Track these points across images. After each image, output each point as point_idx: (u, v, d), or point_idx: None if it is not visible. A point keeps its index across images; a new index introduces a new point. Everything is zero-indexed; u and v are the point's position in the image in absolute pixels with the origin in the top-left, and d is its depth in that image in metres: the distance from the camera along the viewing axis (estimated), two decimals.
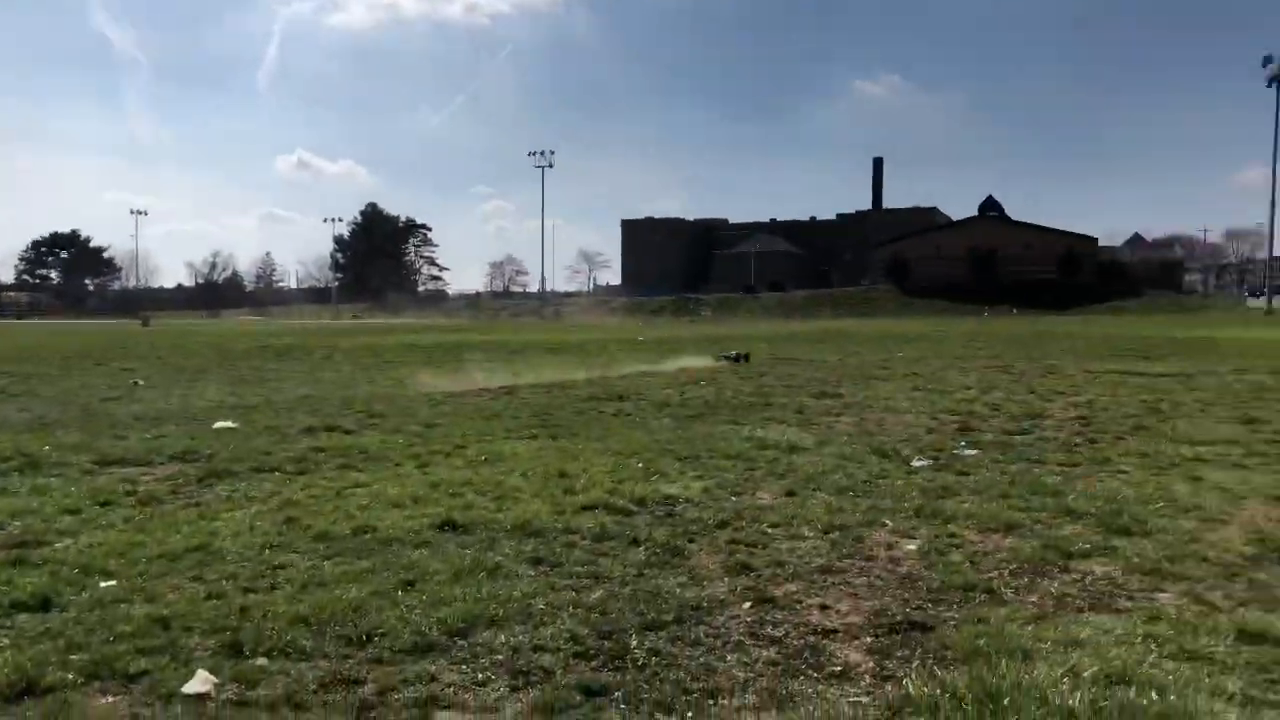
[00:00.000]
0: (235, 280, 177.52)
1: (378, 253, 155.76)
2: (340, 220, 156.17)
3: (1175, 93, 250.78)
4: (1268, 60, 65.89)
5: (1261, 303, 72.32)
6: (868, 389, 17.46)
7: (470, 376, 21.25)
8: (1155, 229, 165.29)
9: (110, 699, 4.21)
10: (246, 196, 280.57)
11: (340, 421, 13.20)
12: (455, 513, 7.50)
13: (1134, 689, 4.08)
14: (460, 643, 4.88)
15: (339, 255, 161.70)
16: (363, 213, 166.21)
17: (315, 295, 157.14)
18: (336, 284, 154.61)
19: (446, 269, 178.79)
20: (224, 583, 5.79)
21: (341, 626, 5.04)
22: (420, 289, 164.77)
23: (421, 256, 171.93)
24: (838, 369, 22.46)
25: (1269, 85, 65.93)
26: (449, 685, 4.38)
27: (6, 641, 4.84)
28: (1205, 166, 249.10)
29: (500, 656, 4.70)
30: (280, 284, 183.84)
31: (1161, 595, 5.57)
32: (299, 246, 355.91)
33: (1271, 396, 15.20)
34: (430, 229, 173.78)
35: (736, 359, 25.04)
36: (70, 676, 4.36)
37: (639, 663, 4.61)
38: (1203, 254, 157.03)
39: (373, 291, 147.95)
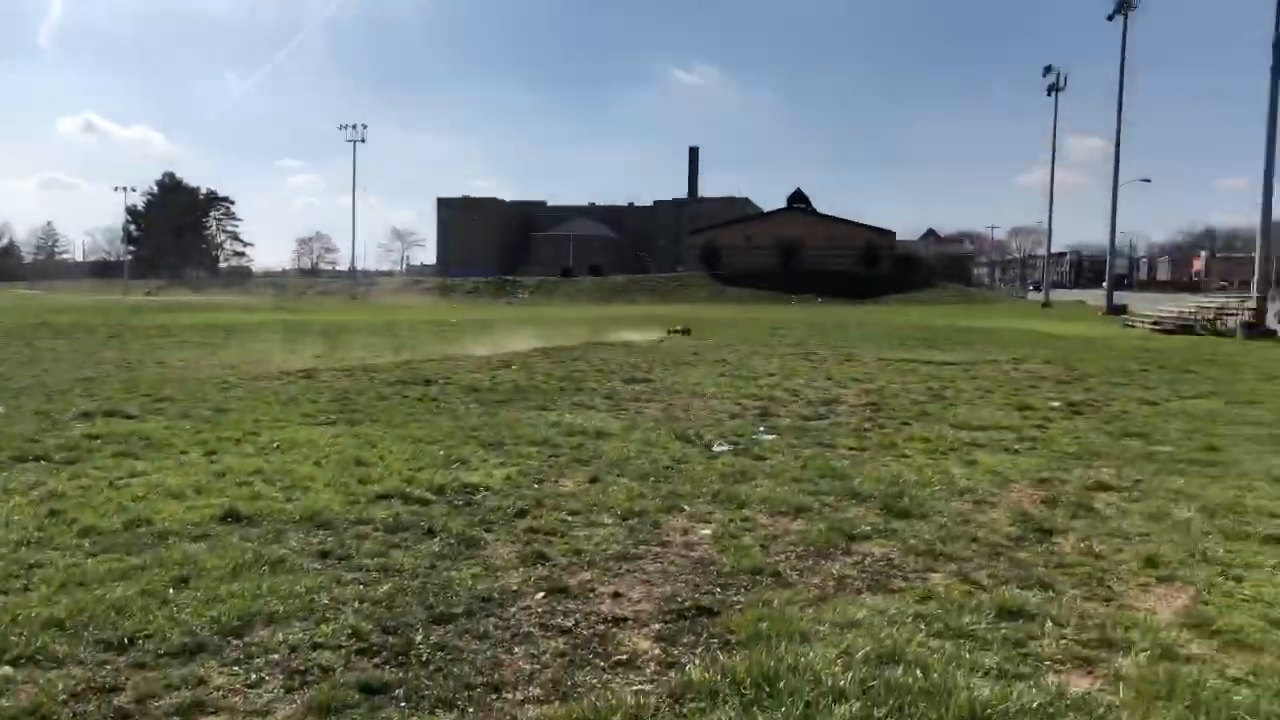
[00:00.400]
0: (11, 251, 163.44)
1: (176, 226, 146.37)
2: (133, 190, 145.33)
3: (967, 98, 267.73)
4: (1047, 70, 70.94)
5: (1041, 296, 78.23)
6: (677, 374, 17.77)
7: (270, 357, 20.31)
8: (948, 225, 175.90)
9: None
10: (24, 160, 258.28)
11: (122, 406, 12.32)
12: (240, 503, 7.13)
13: (901, 668, 4.30)
14: (234, 642, 4.63)
15: (132, 227, 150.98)
16: (159, 182, 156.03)
17: (105, 269, 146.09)
18: (129, 258, 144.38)
19: (251, 245, 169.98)
20: None
21: (101, 629, 4.69)
22: (223, 265, 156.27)
23: (224, 231, 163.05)
24: (649, 354, 22.76)
25: (1049, 94, 71.00)
26: (218, 689, 4.15)
27: None
28: (994, 168, 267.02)
29: (276, 656, 4.49)
30: (64, 256, 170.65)
31: (933, 575, 5.90)
32: (86, 216, 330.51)
33: (1044, 385, 16.43)
34: (234, 202, 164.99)
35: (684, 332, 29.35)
36: None
37: (423, 658, 4.50)
38: (990, 250, 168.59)
39: (170, 267, 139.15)
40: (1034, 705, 3.98)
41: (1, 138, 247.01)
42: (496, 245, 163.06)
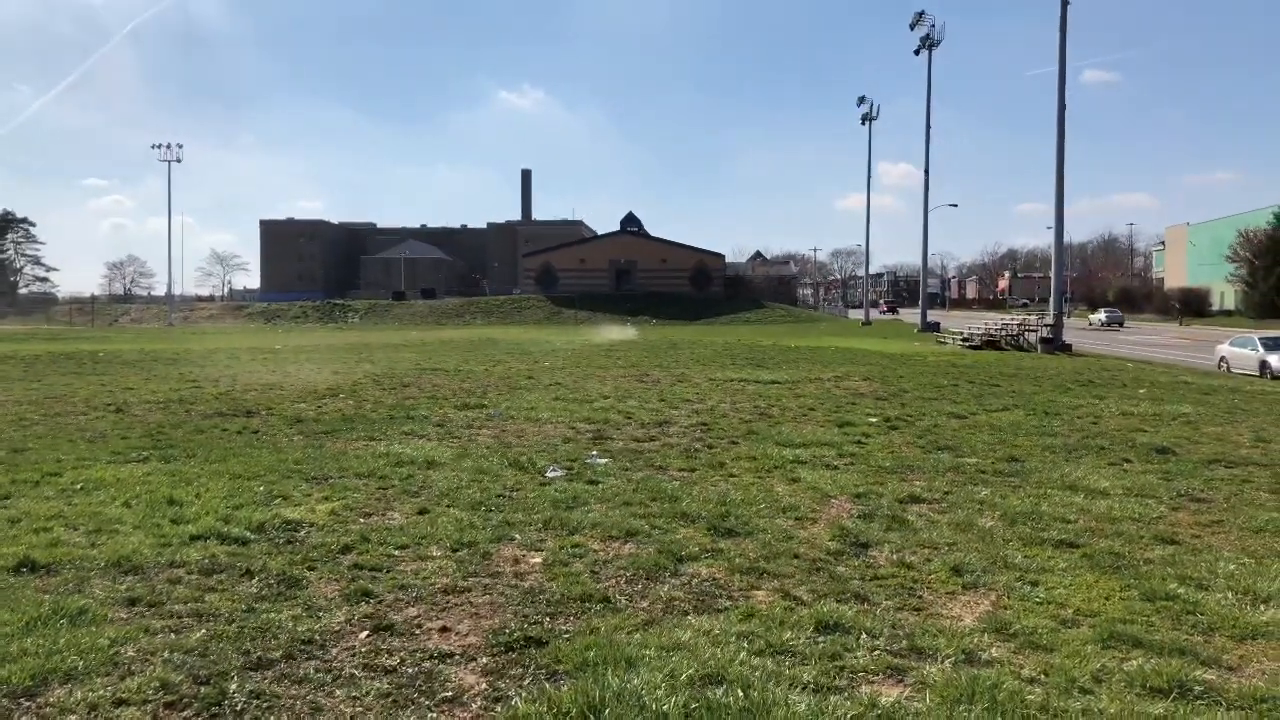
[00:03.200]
0: None
1: None
2: None
3: (790, 125, 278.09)
4: (861, 100, 74.65)
5: (861, 314, 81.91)
6: (512, 398, 17.67)
7: (74, 392, 19.03)
8: (774, 247, 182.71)
9: None
10: None
11: None
12: (36, 551, 6.66)
13: (723, 688, 4.42)
14: (27, 705, 4.33)
15: None
16: None
17: None
18: None
19: (55, 269, 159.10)
20: None
21: None
22: (23, 291, 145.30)
23: (23, 255, 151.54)
24: (484, 379, 22.54)
25: (863, 123, 74.66)
26: None
27: None
28: (815, 192, 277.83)
29: (75, 716, 4.21)
30: None
31: (757, 593, 6.08)
32: None
33: (863, 401, 17.19)
34: (34, 224, 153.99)
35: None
36: None
37: (238, 708, 4.32)
38: (813, 270, 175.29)
39: None
40: (848, 718, 4.16)
41: None
42: (324, 268, 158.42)
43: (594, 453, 11.41)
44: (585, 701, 4.22)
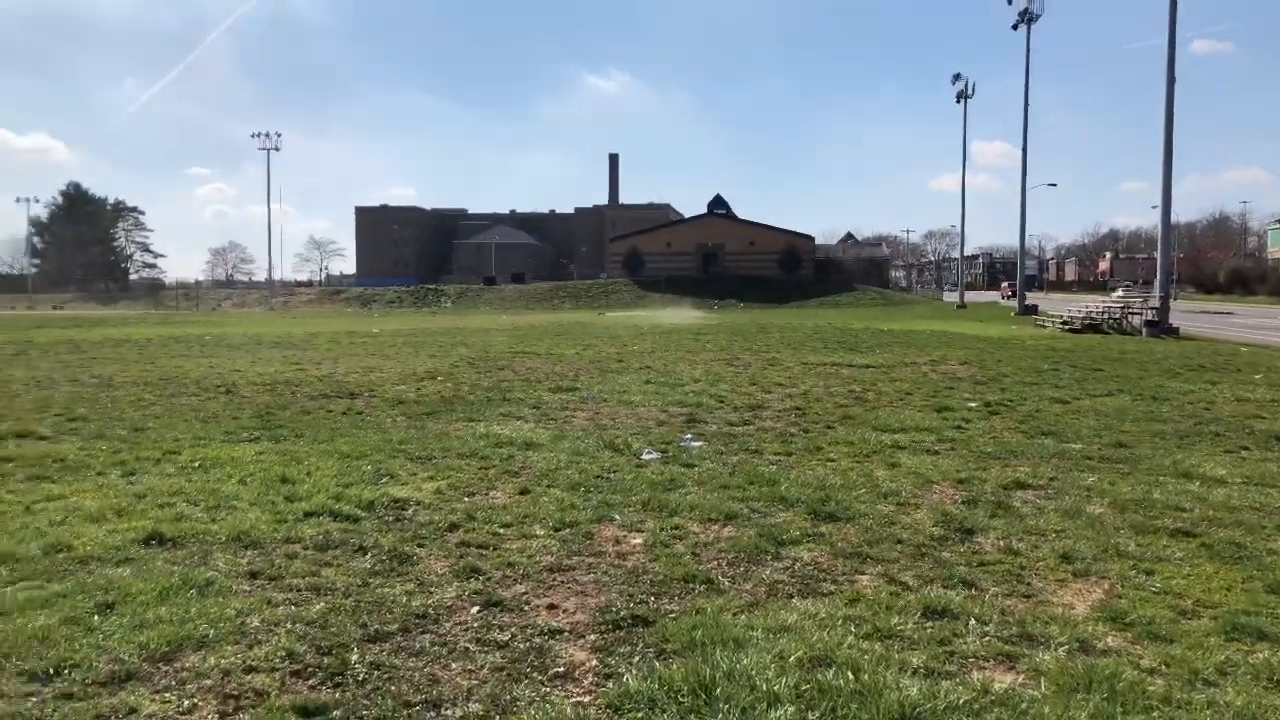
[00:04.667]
0: None
1: (82, 237, 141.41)
2: (36, 200, 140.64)
3: (882, 105, 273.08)
4: (956, 78, 72.78)
5: (956, 296, 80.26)
6: (603, 381, 17.82)
7: (186, 373, 19.83)
8: (865, 229, 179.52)
9: None
10: None
11: (34, 427, 11.93)
12: (164, 525, 6.98)
13: (833, 670, 4.42)
14: (164, 669, 4.56)
15: (36, 240, 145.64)
16: (63, 193, 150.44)
17: (7, 284, 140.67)
18: (34, 271, 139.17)
19: (163, 256, 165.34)
20: None
21: (24, 660, 4.57)
22: (133, 277, 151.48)
23: (133, 242, 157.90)
24: (575, 362, 22.76)
25: (957, 101, 72.81)
26: (149, 716, 4.09)
27: None
28: (909, 172, 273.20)
29: (209, 681, 4.43)
30: None
31: (861, 578, 6.06)
32: None
33: (961, 385, 16.88)
34: (143, 212, 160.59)
35: None
36: None
37: (359, 678, 4.49)
38: (906, 253, 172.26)
39: (78, 280, 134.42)
40: (960, 703, 4.13)
41: None
42: (417, 254, 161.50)
43: (688, 436, 11.45)
44: (696, 680, 4.27)
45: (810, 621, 5.14)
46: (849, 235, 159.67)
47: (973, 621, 5.17)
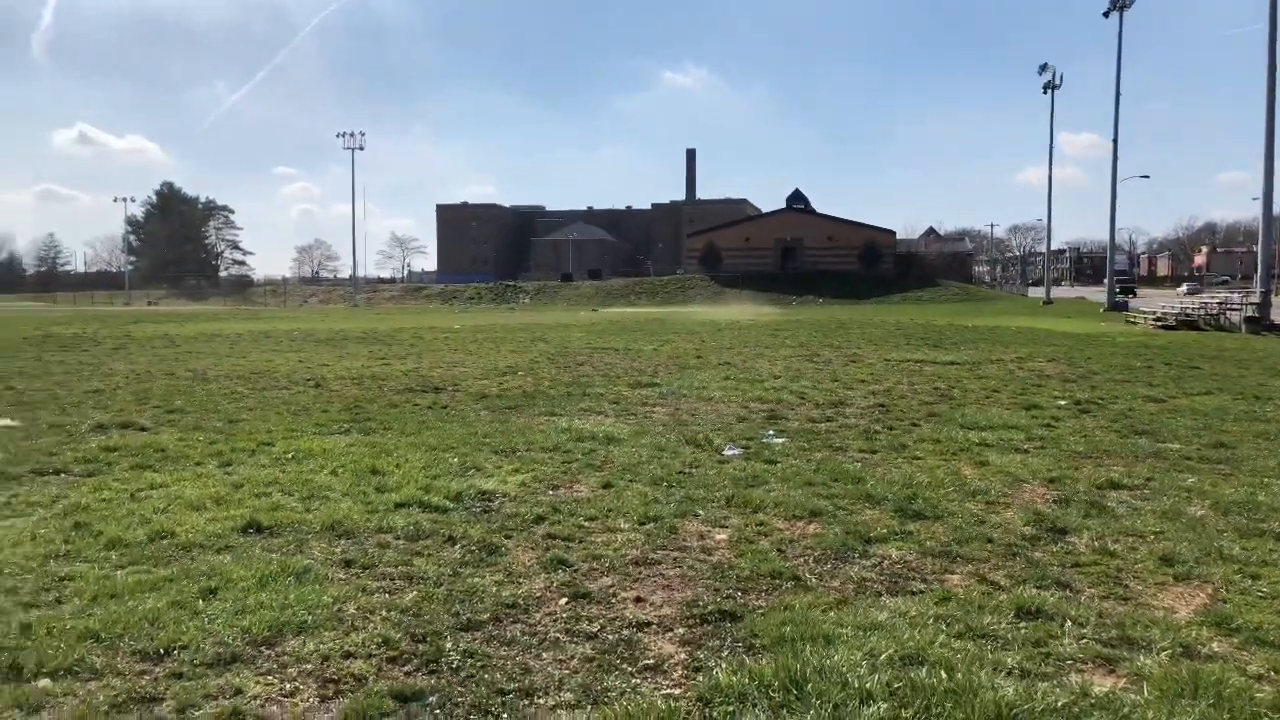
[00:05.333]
0: (13, 263, 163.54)
1: (175, 235, 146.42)
2: (132, 200, 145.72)
3: (965, 96, 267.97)
4: (1043, 68, 70.91)
5: (1042, 292, 78.27)
6: (682, 377, 17.83)
7: (276, 367, 20.39)
8: (947, 223, 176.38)
9: None
10: (21, 172, 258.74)
11: (135, 418, 12.39)
12: (261, 514, 7.19)
13: (925, 669, 4.37)
14: (267, 652, 4.70)
15: (132, 238, 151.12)
16: (158, 192, 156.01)
17: (106, 280, 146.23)
18: (130, 268, 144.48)
19: (251, 253, 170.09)
20: (2, 598, 5.35)
21: (136, 640, 4.76)
22: (223, 274, 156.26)
23: (223, 240, 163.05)
24: (653, 358, 22.81)
25: (1045, 91, 70.96)
26: (255, 698, 4.22)
27: None
28: (992, 165, 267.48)
29: (309, 665, 4.56)
30: (66, 267, 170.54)
31: (951, 577, 5.96)
32: (84, 227, 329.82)
33: (1050, 383, 16.49)
34: (233, 211, 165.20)
35: None
36: None
37: (454, 665, 4.57)
38: (989, 247, 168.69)
39: (171, 277, 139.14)
40: (1059, 704, 4.04)
41: None
42: (496, 251, 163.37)
43: (770, 432, 11.39)
44: (787, 675, 4.25)
45: (901, 620, 5.08)
46: (931, 230, 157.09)
47: (1069, 623, 5.05)
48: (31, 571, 5.89)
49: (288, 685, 4.35)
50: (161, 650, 4.66)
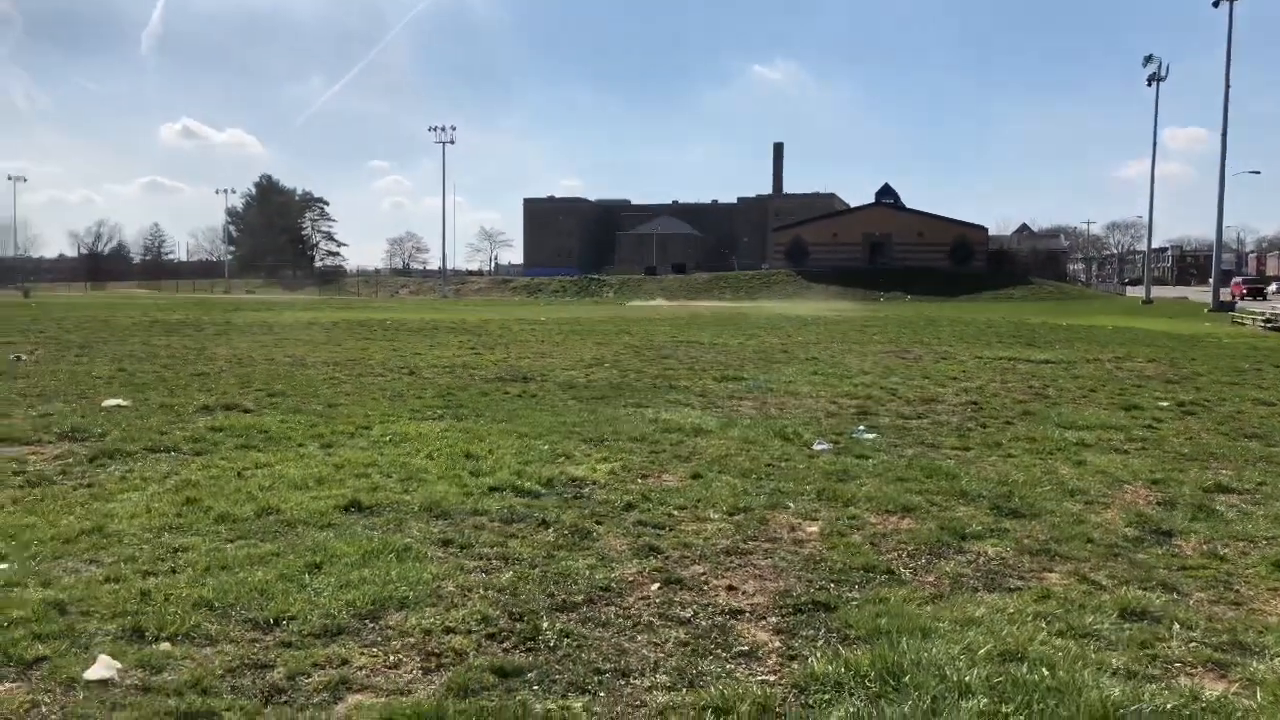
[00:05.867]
0: (121, 251, 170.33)
1: (273, 226, 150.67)
2: (233, 191, 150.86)
3: (1060, 89, 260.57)
4: (1148, 60, 68.48)
5: (1140, 292, 75.70)
6: (769, 372, 17.76)
7: (372, 356, 20.90)
8: (1042, 220, 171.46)
9: (7, 686, 4.06)
10: (129, 164, 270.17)
11: (239, 400, 12.85)
12: (361, 494, 7.40)
13: (1026, 665, 4.30)
14: (370, 625, 4.85)
15: (232, 228, 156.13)
16: (257, 184, 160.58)
17: (207, 269, 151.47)
18: (230, 258, 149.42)
19: (345, 244, 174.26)
20: (122, 566, 5.63)
21: (247, 610, 4.96)
22: (318, 264, 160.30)
23: (319, 231, 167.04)
24: (739, 352, 22.76)
25: (1149, 84, 68.52)
26: (360, 668, 4.36)
27: None
28: (1089, 161, 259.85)
29: (412, 639, 4.69)
30: (170, 256, 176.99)
31: (1050, 575, 5.85)
32: (186, 217, 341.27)
33: (1150, 384, 15.98)
34: (328, 203, 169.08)
35: None
36: None
37: (551, 644, 4.65)
38: (1086, 245, 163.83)
39: (268, 267, 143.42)
40: (1168, 707, 3.94)
41: (107, 143, 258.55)
42: (581, 244, 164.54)
43: (860, 427, 11.28)
44: (884, 666, 4.23)
45: (999, 616, 5.00)
46: (1024, 226, 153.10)
47: (1176, 626, 4.91)
48: (148, 542, 6.16)
49: (391, 658, 4.48)
50: (271, 620, 4.84)
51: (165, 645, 4.49)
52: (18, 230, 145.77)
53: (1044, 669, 4.23)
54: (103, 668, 4.16)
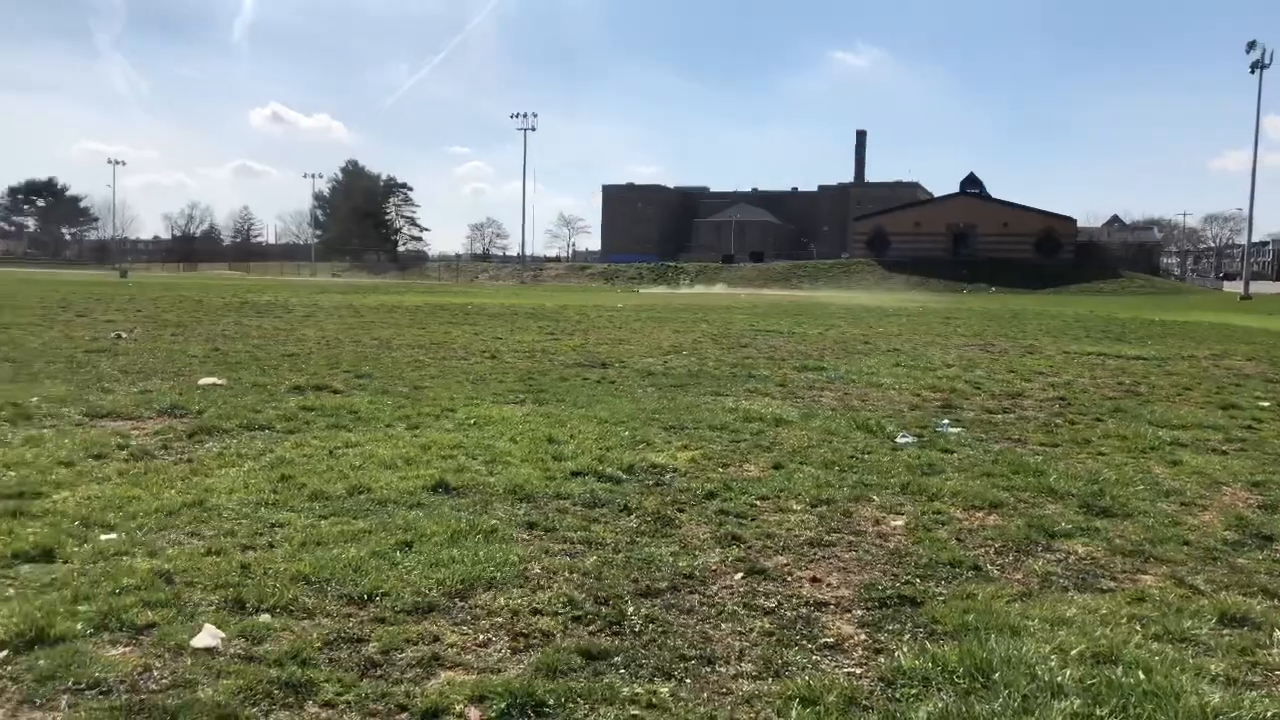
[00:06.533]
0: (212, 234, 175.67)
1: (358, 211, 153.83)
2: (320, 176, 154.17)
3: (1156, 77, 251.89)
4: (1251, 46, 65.85)
5: (1238, 287, 72.95)
6: (850, 362, 17.59)
7: (455, 339, 21.24)
8: (1134, 212, 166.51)
9: (120, 650, 4.25)
10: (220, 148, 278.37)
11: (328, 381, 13.17)
12: (448, 475, 7.54)
13: (1121, 668, 4.21)
14: (460, 604, 4.95)
15: (318, 212, 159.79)
16: (343, 169, 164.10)
17: (294, 252, 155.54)
18: (316, 241, 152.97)
19: (427, 230, 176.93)
20: (222, 539, 5.83)
21: (342, 585, 5.10)
22: (401, 249, 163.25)
23: (402, 216, 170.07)
24: (819, 342, 22.57)
25: (1252, 71, 65.89)
26: (451, 646, 4.45)
27: (12, 592, 4.87)
28: (1185, 151, 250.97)
29: (500, 619, 4.78)
30: (258, 239, 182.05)
31: (1144, 577, 5.71)
32: (274, 200, 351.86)
33: (1250, 383, 15.43)
34: (411, 189, 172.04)
35: None
36: (79, 627, 4.39)
37: (636, 629, 4.70)
38: (1180, 238, 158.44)
39: (353, 251, 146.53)
40: (1269, 715, 3.83)
41: (200, 128, 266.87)
42: (659, 231, 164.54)
43: (945, 421, 11.11)
44: (972, 662, 4.19)
45: (1091, 617, 4.90)
46: (1115, 218, 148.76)
47: (1278, 633, 4.76)
48: (246, 517, 6.37)
49: (480, 636, 4.57)
50: (365, 595, 4.97)
51: (265, 617, 4.65)
52: (117, 212, 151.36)
53: (1140, 672, 4.14)
54: (208, 636, 4.33)
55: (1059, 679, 4.06)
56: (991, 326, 29.50)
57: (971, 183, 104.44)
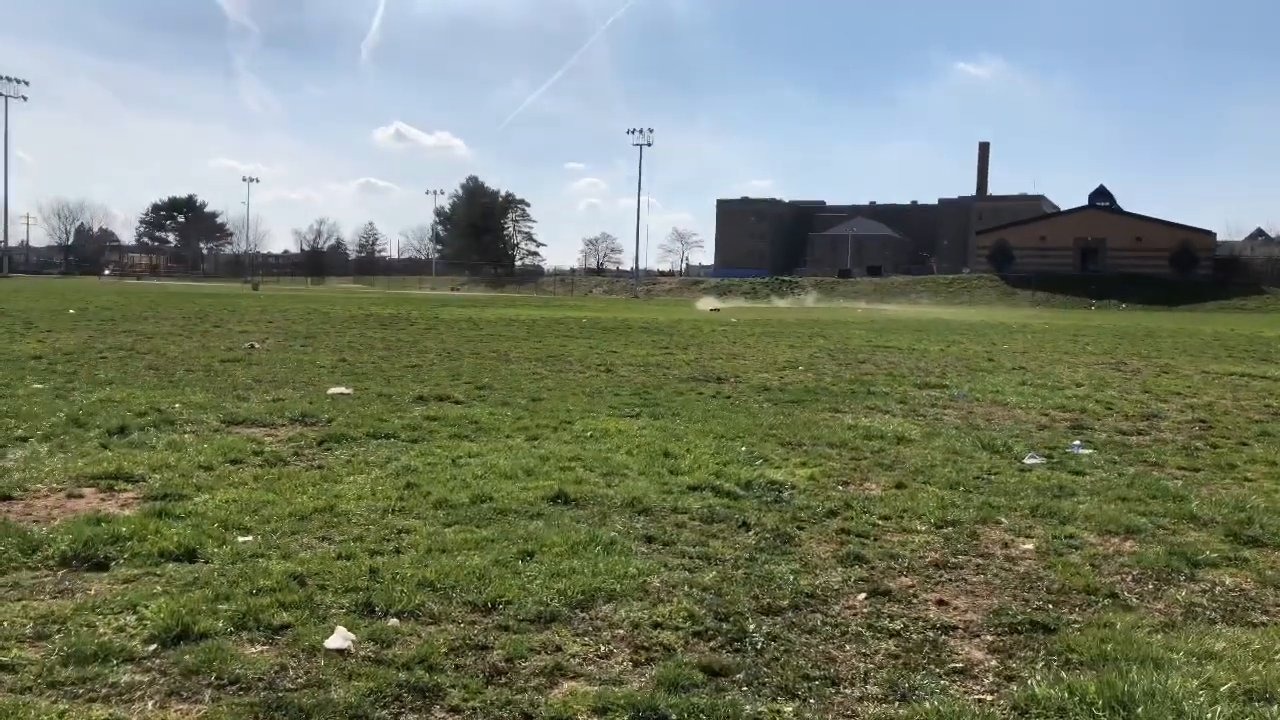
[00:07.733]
0: (339, 248, 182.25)
1: (477, 226, 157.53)
2: (441, 193, 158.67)
3: None
4: None
5: None
6: (973, 380, 17.12)
7: (570, 352, 21.50)
8: None
9: (258, 649, 4.42)
10: (347, 166, 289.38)
11: (450, 392, 13.49)
12: (567, 486, 7.61)
13: (1276, 707, 3.97)
14: (581, 615, 4.98)
15: (439, 228, 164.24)
16: (463, 186, 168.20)
17: (415, 266, 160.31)
18: (437, 256, 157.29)
19: (543, 244, 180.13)
20: (352, 544, 6.00)
21: (466, 593, 5.19)
22: (518, 264, 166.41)
23: (519, 231, 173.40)
24: (940, 359, 22.04)
25: None
26: (573, 656, 4.48)
27: (159, 588, 5.11)
28: None
29: (621, 631, 4.79)
30: (382, 253, 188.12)
31: None
32: (397, 216, 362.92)
33: None
34: (529, 204, 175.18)
35: None
36: (220, 625, 4.59)
37: (758, 646, 4.64)
38: None
39: (472, 265, 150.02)
40: None
41: (330, 147, 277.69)
42: (773, 246, 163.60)
43: (1076, 443, 10.69)
44: (1112, 694, 4.00)
45: (1242, 651, 4.63)
46: (1259, 231, 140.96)
47: None
48: (374, 523, 6.56)
49: (602, 647, 4.59)
50: (489, 603, 5.05)
51: (394, 621, 4.77)
52: (250, 227, 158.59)
53: None
54: (340, 638, 4.46)
55: (1208, 716, 3.85)
56: (1123, 345, 28.33)
57: (1101, 195, 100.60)
